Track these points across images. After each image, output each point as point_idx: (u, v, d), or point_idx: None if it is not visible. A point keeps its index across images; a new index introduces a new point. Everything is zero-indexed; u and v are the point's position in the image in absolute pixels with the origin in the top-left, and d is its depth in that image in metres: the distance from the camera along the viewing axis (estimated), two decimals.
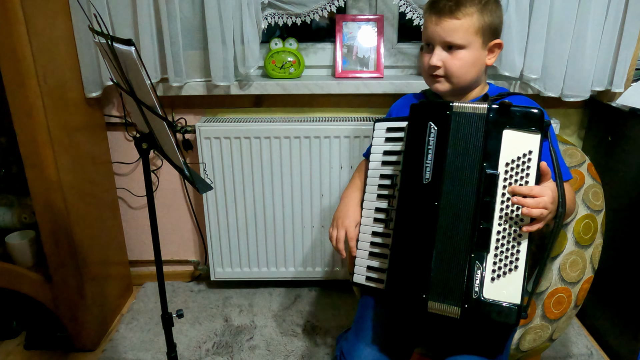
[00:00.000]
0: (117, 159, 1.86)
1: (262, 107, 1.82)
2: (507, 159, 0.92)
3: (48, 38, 1.40)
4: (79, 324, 1.61)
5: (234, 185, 1.76)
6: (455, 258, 0.94)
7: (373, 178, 1.14)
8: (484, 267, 0.92)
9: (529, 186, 0.90)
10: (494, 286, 0.91)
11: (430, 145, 0.97)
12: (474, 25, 1.05)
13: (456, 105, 0.96)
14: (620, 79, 1.58)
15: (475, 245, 0.92)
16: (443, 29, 1.06)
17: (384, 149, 1.13)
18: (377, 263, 1.10)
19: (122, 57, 0.89)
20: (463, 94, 1.16)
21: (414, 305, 0.97)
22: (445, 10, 1.05)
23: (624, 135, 1.55)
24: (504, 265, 0.91)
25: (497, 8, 1.09)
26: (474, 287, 0.92)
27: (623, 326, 1.55)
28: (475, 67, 1.09)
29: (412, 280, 0.97)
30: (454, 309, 0.94)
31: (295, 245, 1.85)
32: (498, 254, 0.92)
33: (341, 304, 1.89)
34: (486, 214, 0.92)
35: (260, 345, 1.67)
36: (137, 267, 2.03)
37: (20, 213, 1.62)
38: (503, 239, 0.92)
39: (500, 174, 0.92)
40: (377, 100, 1.78)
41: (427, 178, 0.97)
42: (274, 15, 1.64)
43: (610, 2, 1.50)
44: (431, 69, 1.10)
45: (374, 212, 1.13)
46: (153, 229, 1.13)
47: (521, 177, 0.91)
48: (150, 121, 0.97)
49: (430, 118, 0.98)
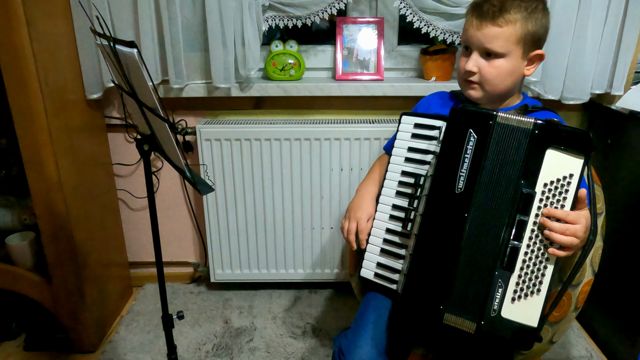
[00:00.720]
0: (118, 160, 1.86)
1: (262, 109, 1.82)
2: (547, 179, 0.89)
3: (49, 39, 1.40)
4: (78, 326, 1.61)
5: (234, 187, 1.76)
6: (477, 273, 0.92)
7: (394, 173, 1.10)
8: (506, 286, 0.90)
9: (565, 211, 0.87)
10: (514, 306, 0.90)
11: (467, 154, 0.93)
12: (516, 34, 1.00)
13: (501, 116, 0.92)
14: (620, 82, 1.58)
15: (501, 263, 0.90)
16: (483, 34, 1.02)
17: (409, 145, 1.08)
18: (389, 261, 1.08)
19: (124, 58, 0.89)
20: (498, 102, 1.12)
21: (429, 315, 0.95)
22: (487, 15, 1.00)
23: (623, 138, 1.55)
24: (526, 287, 0.90)
25: (543, 16, 1.03)
26: (492, 305, 0.90)
27: (623, 329, 1.55)
28: (512, 76, 1.06)
29: (431, 290, 0.94)
30: (469, 324, 0.92)
31: (295, 247, 1.85)
32: (522, 275, 0.90)
33: (341, 306, 1.89)
34: (518, 233, 0.89)
35: (260, 347, 1.67)
36: (137, 269, 2.03)
37: (20, 214, 1.62)
38: (529, 260, 0.90)
39: (537, 194, 0.89)
40: (377, 102, 1.79)
41: (460, 187, 0.93)
42: (274, 18, 1.64)
43: (609, 6, 1.50)
44: (466, 74, 1.07)
45: (391, 209, 1.09)
46: (154, 231, 1.13)
47: (558, 200, 0.88)
48: (152, 123, 0.97)
49: (471, 125, 0.93)
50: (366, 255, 1.11)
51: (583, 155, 0.87)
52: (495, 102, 1.12)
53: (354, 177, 1.74)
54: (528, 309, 0.89)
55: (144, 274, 2.04)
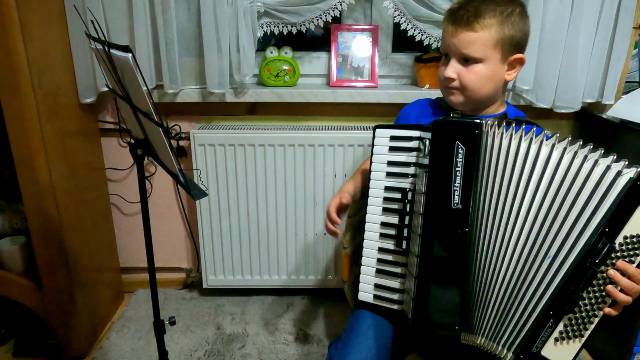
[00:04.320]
0: (111, 165, 1.85)
1: (256, 114, 1.83)
2: (632, 232, 0.84)
3: (43, 43, 1.40)
4: (69, 331, 1.59)
5: (228, 193, 1.76)
6: (513, 302, 0.91)
7: (377, 190, 1.05)
8: (556, 326, 0.89)
9: (637, 269, 0.83)
10: (555, 347, 0.89)
11: (458, 167, 0.90)
12: (492, 39, 1.00)
13: (486, 124, 0.90)
14: (611, 91, 1.60)
15: (558, 304, 0.88)
16: (459, 40, 1.02)
17: (388, 159, 1.04)
18: (386, 281, 1.05)
19: (119, 63, 0.89)
20: (480, 109, 1.12)
21: (446, 336, 0.95)
22: (462, 20, 1.00)
23: (614, 147, 1.57)
24: (572, 331, 0.89)
25: (520, 20, 1.02)
26: (537, 341, 0.90)
27: (613, 335, 1.56)
28: (492, 81, 1.05)
29: (447, 312, 0.95)
30: (506, 353, 0.93)
31: (288, 253, 1.85)
32: (572, 319, 0.88)
33: (334, 312, 1.89)
34: (588, 280, 0.86)
35: (252, 353, 1.66)
36: (128, 274, 2.02)
37: (11, 218, 1.61)
38: (584, 306, 0.88)
39: (616, 244, 0.85)
40: (371, 109, 1.79)
41: (457, 203, 0.91)
42: (269, 24, 1.65)
43: (600, 16, 1.52)
44: (446, 80, 1.07)
45: (380, 227, 1.05)
46: (146, 236, 1.13)
47: (635, 254, 0.84)
48: (146, 127, 0.97)
49: (457, 137, 0.90)
50: (362, 277, 1.08)
51: None
52: (477, 108, 1.12)
53: None
54: (567, 350, 0.89)
55: (135, 280, 2.03)
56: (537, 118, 1.76)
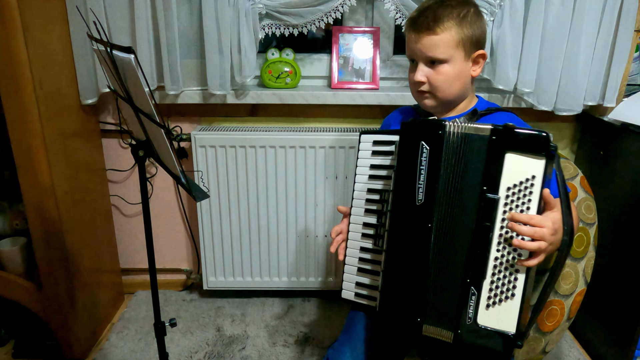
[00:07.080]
0: (111, 166, 1.85)
1: (257, 116, 1.83)
2: (509, 183, 0.88)
3: (45, 44, 1.40)
4: (69, 333, 1.59)
5: (229, 194, 1.76)
6: (450, 282, 0.93)
7: (360, 192, 1.10)
8: (479, 293, 0.90)
9: (528, 214, 0.86)
10: (489, 313, 0.90)
11: (422, 166, 0.94)
12: (454, 39, 1.05)
13: (450, 125, 0.93)
14: (612, 94, 1.60)
15: (472, 271, 0.90)
16: (423, 45, 1.06)
17: (371, 163, 1.09)
18: (366, 279, 1.07)
19: (121, 64, 0.89)
20: (451, 108, 1.15)
21: (408, 328, 0.96)
22: (423, 26, 1.05)
23: (615, 150, 1.57)
24: (500, 293, 0.89)
25: (476, 19, 1.08)
26: (467, 313, 0.91)
27: (615, 339, 1.55)
28: (459, 79, 1.09)
29: (406, 303, 0.96)
30: (447, 333, 0.93)
31: (289, 255, 1.85)
32: (495, 281, 0.89)
33: (334, 315, 1.88)
34: (484, 239, 0.89)
35: (252, 355, 1.66)
36: (128, 276, 2.02)
37: (12, 219, 1.60)
38: (501, 265, 0.89)
39: (501, 198, 0.88)
40: (372, 111, 1.79)
41: (420, 199, 0.94)
42: (271, 26, 1.65)
43: (602, 19, 1.53)
44: (416, 84, 1.11)
45: (362, 227, 1.09)
46: (147, 237, 1.13)
47: (523, 202, 0.87)
48: (147, 128, 0.97)
49: (422, 137, 0.94)
50: (345, 276, 1.11)
51: (543, 156, 0.86)
52: (449, 108, 1.15)
53: (348, 186, 1.74)
54: (504, 315, 0.89)
55: (135, 281, 2.02)
56: (538, 121, 1.76)
